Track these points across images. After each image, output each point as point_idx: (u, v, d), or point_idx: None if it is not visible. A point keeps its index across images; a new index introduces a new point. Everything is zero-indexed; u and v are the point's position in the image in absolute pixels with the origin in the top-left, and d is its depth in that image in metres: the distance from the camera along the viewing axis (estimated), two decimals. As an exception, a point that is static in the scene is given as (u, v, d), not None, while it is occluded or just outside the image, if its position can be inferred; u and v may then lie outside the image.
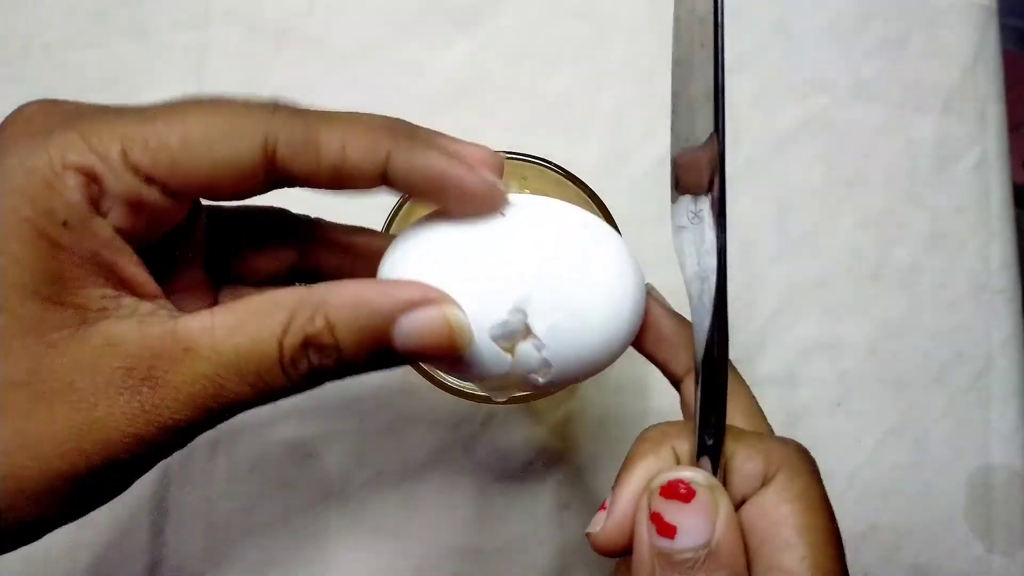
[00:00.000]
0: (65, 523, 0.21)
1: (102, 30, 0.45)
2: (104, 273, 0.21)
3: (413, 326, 0.21)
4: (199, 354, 0.20)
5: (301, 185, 0.23)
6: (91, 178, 0.20)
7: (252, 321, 0.20)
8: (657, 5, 0.48)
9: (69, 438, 0.20)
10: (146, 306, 0.21)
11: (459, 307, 0.22)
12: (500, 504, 0.42)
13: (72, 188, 0.20)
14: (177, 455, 0.40)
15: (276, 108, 0.22)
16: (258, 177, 0.22)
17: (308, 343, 0.21)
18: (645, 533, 0.22)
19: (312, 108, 0.22)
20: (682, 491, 0.22)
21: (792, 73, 0.48)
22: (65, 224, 0.20)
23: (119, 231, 0.21)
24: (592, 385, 0.43)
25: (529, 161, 0.34)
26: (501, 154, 0.24)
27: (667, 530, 0.22)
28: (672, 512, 0.22)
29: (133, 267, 0.21)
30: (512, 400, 0.36)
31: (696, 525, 0.22)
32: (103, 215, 0.21)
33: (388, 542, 0.41)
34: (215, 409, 0.21)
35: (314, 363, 0.21)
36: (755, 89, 0.48)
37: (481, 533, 0.42)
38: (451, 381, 0.35)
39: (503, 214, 0.24)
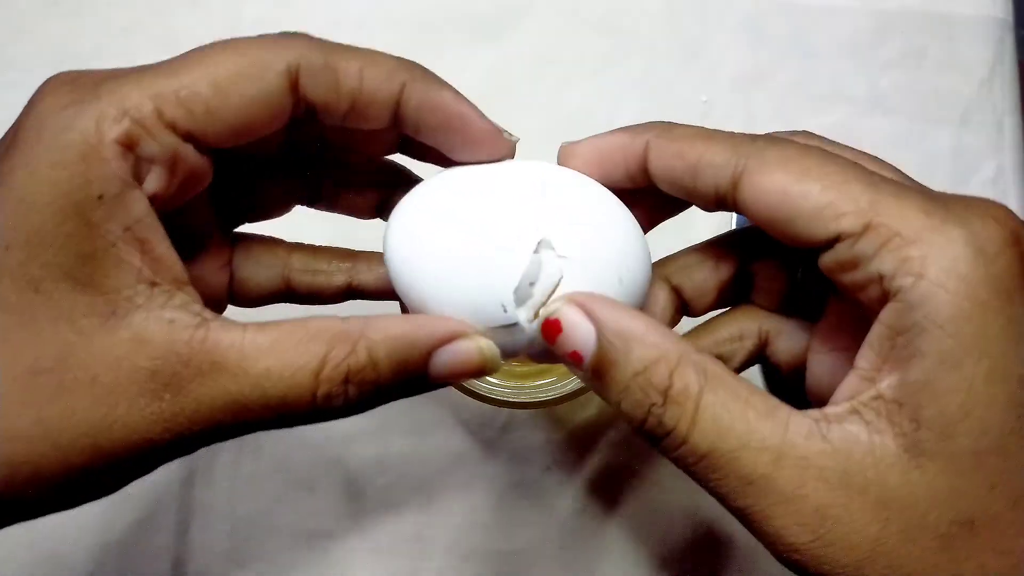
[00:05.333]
0: (58, 511, 0.21)
1: (134, 40, 0.46)
2: (136, 252, 0.20)
3: (450, 357, 0.22)
4: (226, 370, 0.20)
5: (322, 119, 0.23)
6: (128, 145, 0.20)
7: (286, 348, 0.20)
8: (676, 19, 0.49)
9: (88, 433, 0.19)
10: (175, 299, 0.20)
11: (487, 339, 0.22)
12: (519, 508, 0.42)
13: (110, 159, 0.19)
14: (202, 456, 0.41)
15: (294, 36, 0.22)
16: (286, 109, 0.22)
17: (350, 378, 0.20)
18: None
19: (323, 39, 0.23)
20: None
21: (810, 86, 0.48)
22: (100, 198, 0.19)
23: (153, 198, 0.20)
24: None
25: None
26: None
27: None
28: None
29: (163, 246, 0.21)
30: (533, 405, 0.36)
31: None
32: (139, 181, 0.20)
33: (408, 544, 0.42)
34: (231, 426, 0.20)
35: (352, 396, 0.21)
36: (774, 102, 0.48)
37: (500, 536, 0.42)
38: (473, 386, 0.36)
39: (512, 157, 0.25)
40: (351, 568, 0.41)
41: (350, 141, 0.26)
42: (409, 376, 0.21)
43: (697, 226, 0.36)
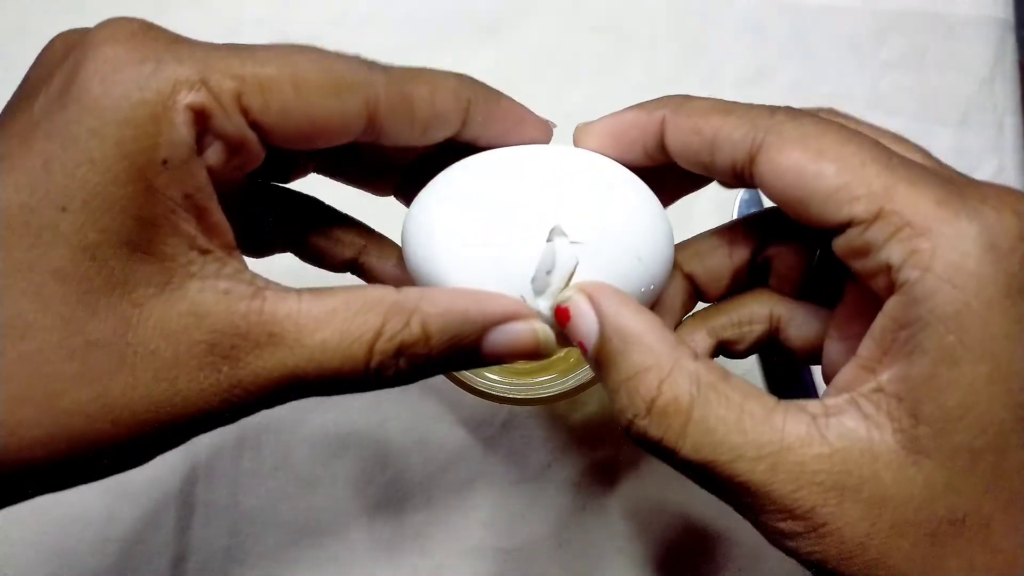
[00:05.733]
0: (108, 476, 0.21)
1: (137, 39, 0.46)
2: (192, 220, 0.20)
3: (505, 337, 0.22)
4: (283, 342, 0.20)
5: (385, 140, 0.23)
6: (201, 116, 0.19)
7: (342, 318, 0.20)
8: (677, 19, 0.49)
9: (149, 408, 0.19)
10: (228, 267, 0.20)
11: (543, 322, 0.23)
12: (519, 505, 0.42)
13: (179, 125, 0.19)
14: (204, 453, 0.41)
15: (372, 66, 0.22)
16: (356, 131, 0.22)
17: (402, 351, 0.21)
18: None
19: (391, 65, 0.23)
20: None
21: (811, 86, 0.48)
22: (165, 163, 0.19)
23: (209, 171, 0.20)
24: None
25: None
26: None
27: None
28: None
29: (218, 215, 0.20)
30: (534, 402, 0.36)
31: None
32: (201, 154, 0.20)
33: (408, 541, 0.42)
34: (285, 395, 0.21)
35: (403, 367, 0.21)
36: (774, 102, 0.47)
37: (500, 534, 0.42)
38: (473, 382, 0.36)
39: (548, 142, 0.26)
40: (351, 565, 0.42)
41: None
42: (462, 351, 0.22)
43: (695, 220, 0.36)
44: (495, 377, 0.37)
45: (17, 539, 0.40)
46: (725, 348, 0.27)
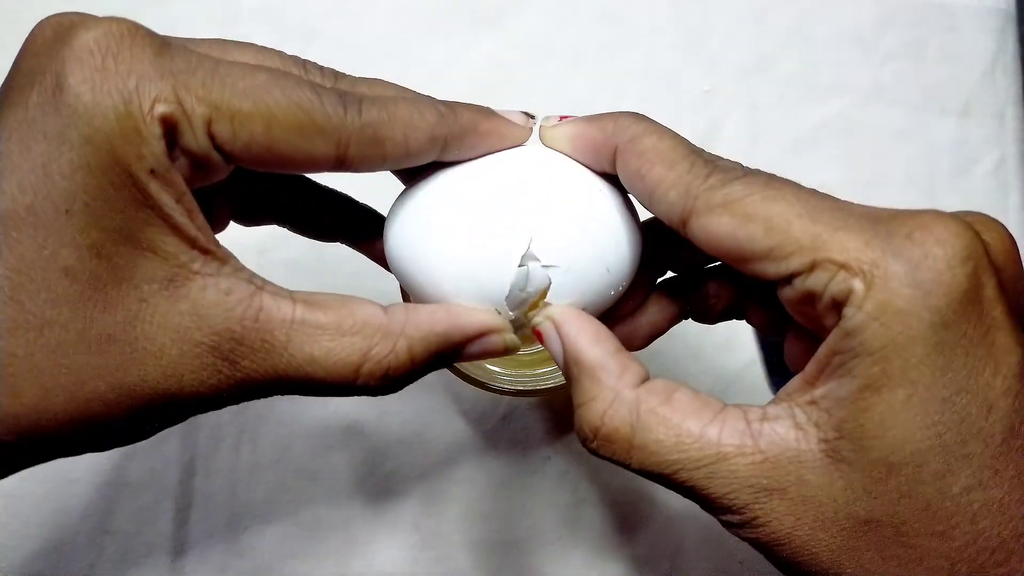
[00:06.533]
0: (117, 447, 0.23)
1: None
2: (189, 221, 0.21)
3: (479, 347, 0.25)
4: (274, 349, 0.22)
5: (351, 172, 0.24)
6: (172, 131, 0.20)
7: (330, 337, 0.22)
8: (678, 8, 0.49)
9: (158, 398, 0.21)
10: (228, 265, 0.22)
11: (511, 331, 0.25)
12: (519, 498, 0.42)
13: (157, 137, 0.20)
14: (203, 445, 0.41)
15: (348, 104, 0.22)
16: (324, 168, 0.23)
17: (388, 374, 0.23)
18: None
19: (369, 95, 0.23)
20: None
21: (812, 76, 0.48)
22: (152, 172, 0.20)
23: None
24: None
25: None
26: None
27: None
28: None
29: (203, 221, 0.22)
30: (533, 393, 0.36)
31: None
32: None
33: (408, 534, 0.42)
34: (275, 391, 0.22)
35: (386, 383, 0.23)
36: (775, 91, 0.48)
37: (500, 526, 0.42)
38: (474, 373, 0.36)
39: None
40: (350, 557, 0.42)
41: None
42: (440, 362, 0.24)
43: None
44: (496, 369, 0.37)
45: (16, 532, 0.40)
46: (694, 315, 0.29)
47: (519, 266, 0.24)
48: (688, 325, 0.30)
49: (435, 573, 0.42)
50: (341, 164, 0.23)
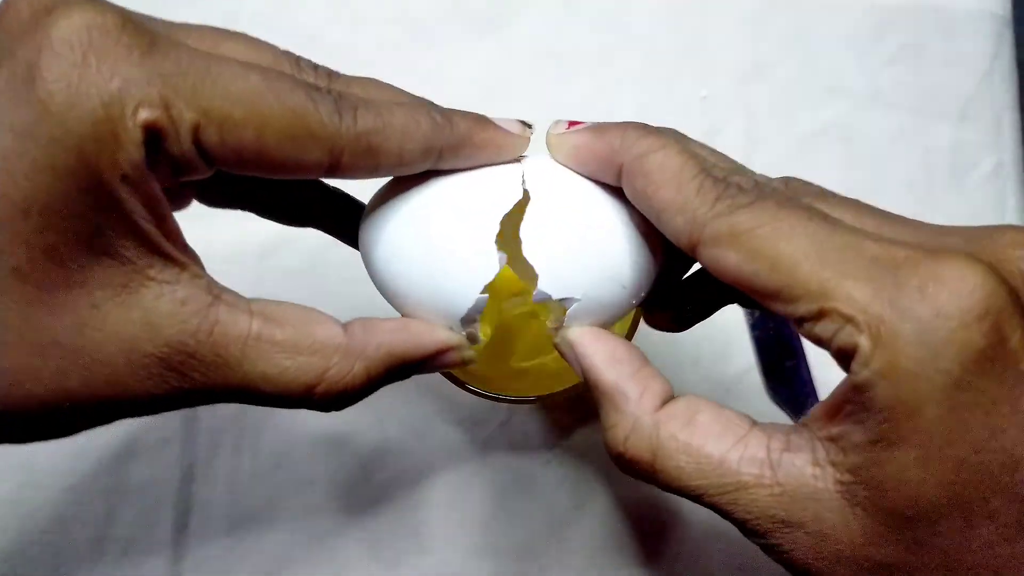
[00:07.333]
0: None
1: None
2: (154, 226, 0.20)
3: (438, 363, 0.25)
4: (227, 365, 0.21)
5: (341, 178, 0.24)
6: (156, 137, 0.19)
7: (286, 355, 0.22)
8: (675, 13, 0.49)
9: (105, 403, 0.21)
10: (187, 272, 0.21)
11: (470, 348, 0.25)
12: (517, 504, 0.42)
13: (137, 144, 0.19)
14: (202, 452, 0.41)
15: (344, 111, 0.22)
16: (313, 174, 0.22)
17: (344, 393, 0.23)
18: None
19: (364, 99, 0.23)
20: None
21: (809, 81, 0.48)
22: (125, 178, 0.19)
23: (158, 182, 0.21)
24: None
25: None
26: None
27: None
28: None
29: (174, 223, 0.21)
30: (532, 400, 0.36)
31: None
32: (151, 168, 0.20)
33: (407, 540, 0.42)
34: (225, 401, 0.22)
35: (341, 401, 0.23)
36: (773, 96, 0.48)
37: (498, 532, 0.42)
38: (472, 380, 0.36)
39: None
40: (350, 563, 0.42)
41: None
42: (397, 377, 0.24)
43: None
44: (494, 375, 0.37)
45: (16, 537, 0.40)
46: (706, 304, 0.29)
47: (480, 293, 0.24)
48: (685, 332, 0.30)
49: (434, 579, 0.42)
50: (332, 171, 0.22)
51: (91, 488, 0.41)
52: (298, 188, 0.29)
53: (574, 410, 0.43)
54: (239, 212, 0.44)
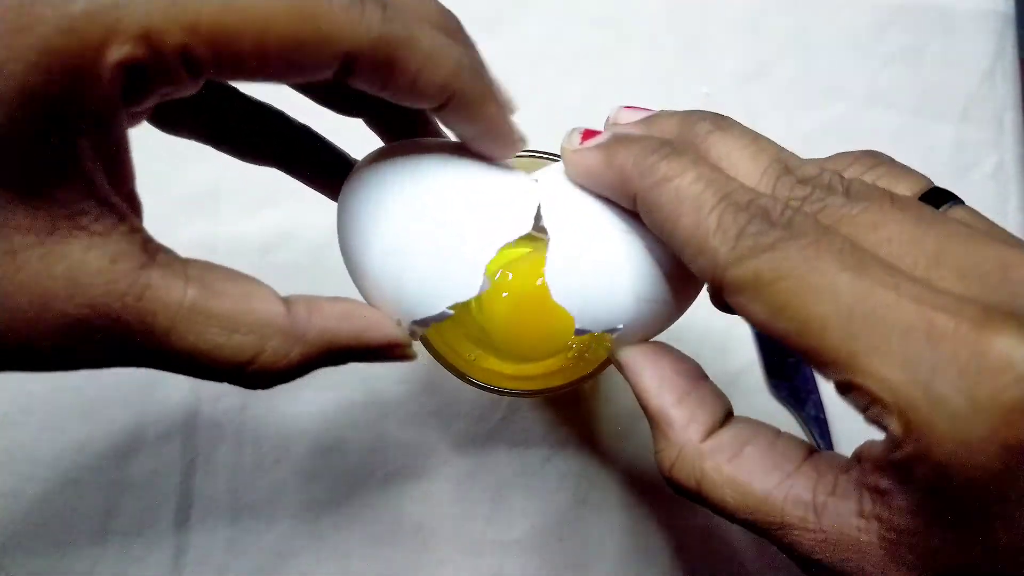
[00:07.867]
0: None
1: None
2: (100, 170, 0.18)
3: (377, 359, 0.23)
4: (153, 334, 0.19)
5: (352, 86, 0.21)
6: (132, 71, 0.17)
7: (224, 328, 0.20)
8: (676, 13, 0.49)
9: (10, 349, 0.18)
10: (124, 225, 0.19)
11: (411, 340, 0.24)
12: (519, 498, 0.42)
13: (107, 81, 0.16)
14: (203, 445, 0.41)
15: (364, 10, 0.19)
16: (322, 79, 0.19)
17: (279, 373, 0.21)
18: None
19: (393, 2, 0.20)
20: None
21: (810, 80, 0.48)
22: (84, 116, 0.17)
23: (131, 113, 0.18)
24: (612, 382, 0.44)
25: (543, 157, 0.35)
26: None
27: None
28: None
29: (127, 167, 0.19)
30: (534, 394, 0.36)
31: None
32: (125, 101, 0.18)
33: (408, 535, 0.42)
34: (135, 366, 0.20)
35: (271, 383, 0.21)
36: (773, 97, 0.48)
37: (500, 527, 0.42)
38: (475, 375, 0.36)
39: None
40: (351, 558, 0.42)
41: None
42: (334, 363, 0.22)
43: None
44: (497, 370, 0.37)
45: (17, 532, 0.40)
46: None
47: (448, 308, 0.23)
48: (686, 329, 0.30)
49: (436, 574, 0.42)
50: (340, 76, 0.19)
51: (93, 482, 0.41)
52: (260, 120, 0.26)
53: (576, 405, 0.43)
54: (240, 209, 0.44)
